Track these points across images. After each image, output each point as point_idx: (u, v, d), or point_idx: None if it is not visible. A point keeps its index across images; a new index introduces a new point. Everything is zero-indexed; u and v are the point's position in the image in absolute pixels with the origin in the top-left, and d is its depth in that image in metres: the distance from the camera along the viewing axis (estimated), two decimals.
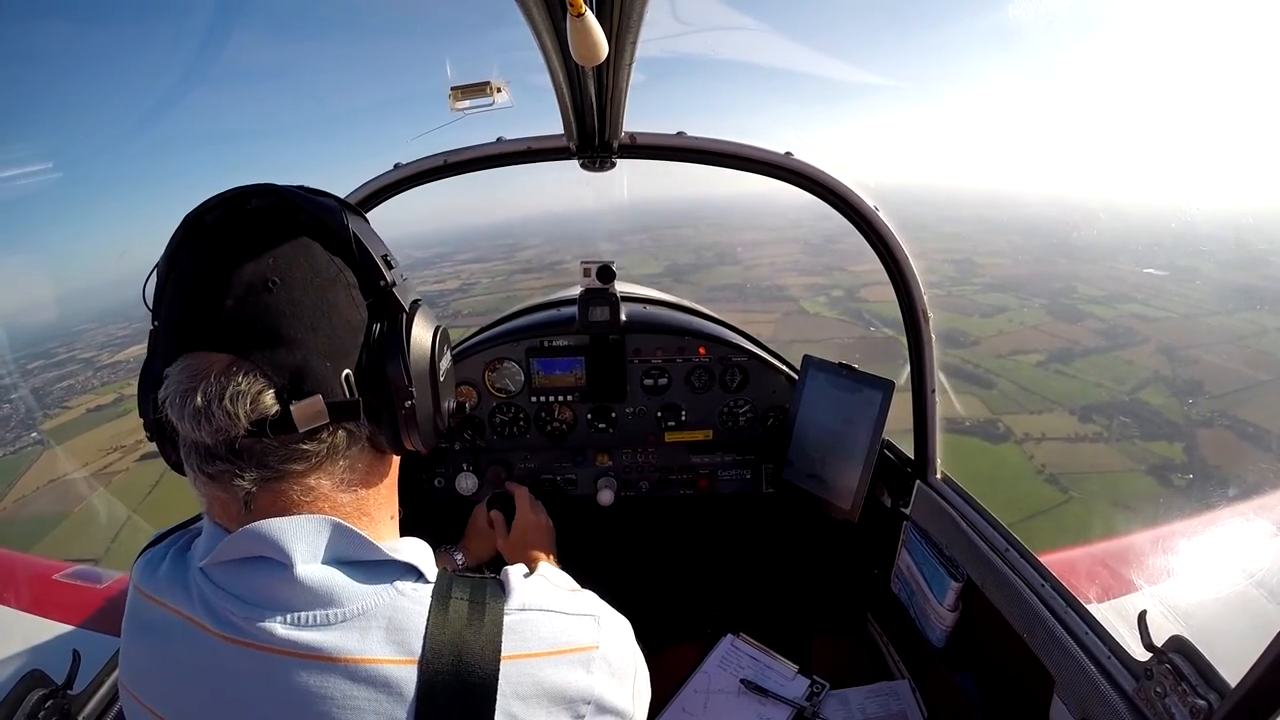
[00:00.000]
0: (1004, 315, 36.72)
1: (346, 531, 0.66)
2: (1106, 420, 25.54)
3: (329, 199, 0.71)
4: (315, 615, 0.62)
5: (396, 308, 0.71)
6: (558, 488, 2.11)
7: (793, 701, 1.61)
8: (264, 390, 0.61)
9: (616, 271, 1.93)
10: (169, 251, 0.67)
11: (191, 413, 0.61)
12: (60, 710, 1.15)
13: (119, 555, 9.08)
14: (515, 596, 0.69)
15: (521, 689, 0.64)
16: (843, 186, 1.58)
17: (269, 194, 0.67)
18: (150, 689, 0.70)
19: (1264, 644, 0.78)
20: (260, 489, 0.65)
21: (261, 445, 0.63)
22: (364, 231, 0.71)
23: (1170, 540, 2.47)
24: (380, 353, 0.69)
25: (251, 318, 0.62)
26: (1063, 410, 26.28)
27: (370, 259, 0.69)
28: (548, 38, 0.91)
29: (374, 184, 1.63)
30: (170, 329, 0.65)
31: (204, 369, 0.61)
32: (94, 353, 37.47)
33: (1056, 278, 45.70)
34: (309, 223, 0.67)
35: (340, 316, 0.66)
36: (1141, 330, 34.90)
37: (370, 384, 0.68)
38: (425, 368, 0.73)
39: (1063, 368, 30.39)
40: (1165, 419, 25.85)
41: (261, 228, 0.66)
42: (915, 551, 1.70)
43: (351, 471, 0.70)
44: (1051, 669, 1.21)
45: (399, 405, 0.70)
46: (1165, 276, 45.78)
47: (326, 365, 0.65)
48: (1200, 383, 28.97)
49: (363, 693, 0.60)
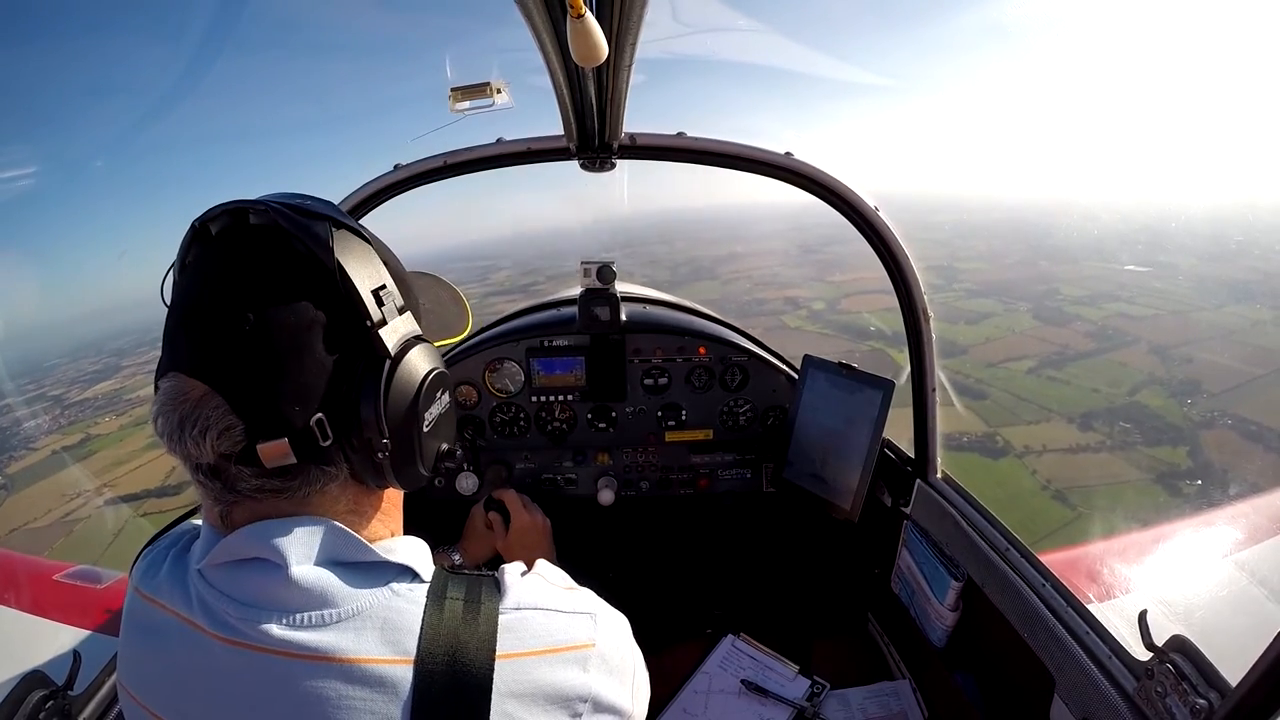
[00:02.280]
0: (990, 321, 36.64)
1: (340, 533, 0.67)
2: (1107, 427, 25.21)
3: (323, 222, 0.66)
4: (311, 616, 0.63)
5: (380, 351, 0.67)
6: (558, 487, 2.11)
7: (793, 702, 1.61)
8: (231, 427, 0.61)
9: (616, 271, 1.93)
10: (180, 255, 0.68)
11: (168, 434, 0.63)
12: (60, 711, 1.15)
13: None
14: (511, 595, 0.69)
15: (517, 688, 0.64)
16: (843, 186, 1.58)
17: (265, 212, 0.65)
18: (149, 691, 0.70)
19: (1264, 644, 0.78)
20: (234, 509, 0.67)
21: (236, 471, 0.64)
22: (357, 259, 0.67)
23: (1170, 540, 2.47)
24: (356, 398, 0.66)
25: (224, 353, 0.62)
26: (1061, 419, 25.95)
27: (356, 295, 0.65)
28: (548, 39, 0.91)
29: (374, 185, 1.63)
30: (166, 340, 0.66)
31: (184, 394, 0.62)
32: (63, 389, 37.28)
33: (1039, 279, 45.54)
34: (300, 250, 0.64)
35: (314, 359, 0.64)
36: (1130, 330, 34.78)
37: (347, 427, 0.66)
38: (403, 413, 0.69)
39: (1055, 374, 30.14)
40: (1166, 422, 25.52)
41: (252, 253, 0.64)
42: (916, 551, 1.70)
43: (336, 503, 0.70)
44: (1052, 668, 1.21)
45: (373, 452, 0.67)
46: (1147, 272, 45.61)
47: (295, 408, 0.63)
48: (1197, 381, 28.79)
49: (358, 692, 0.61)
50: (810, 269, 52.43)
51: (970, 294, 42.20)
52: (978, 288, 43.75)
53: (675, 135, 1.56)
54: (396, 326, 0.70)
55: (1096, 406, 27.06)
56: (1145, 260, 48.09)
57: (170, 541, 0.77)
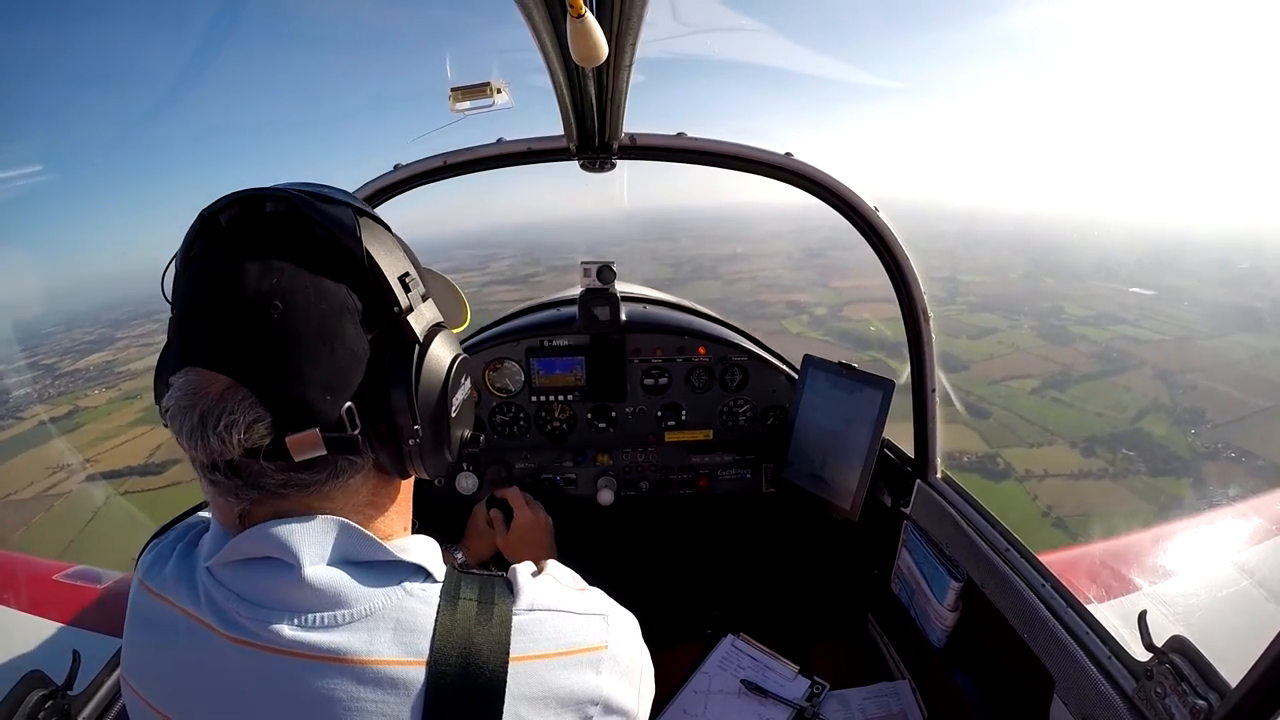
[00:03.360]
0: (993, 337, 36.05)
1: (354, 532, 0.66)
2: (1110, 454, 24.61)
3: (346, 209, 0.65)
4: (323, 616, 0.62)
5: (409, 337, 0.67)
6: (558, 487, 2.11)
7: (793, 702, 1.61)
8: (259, 420, 0.60)
9: (616, 272, 1.93)
10: (184, 247, 0.66)
11: (188, 431, 0.60)
12: (60, 710, 1.15)
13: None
14: (524, 596, 0.69)
15: (530, 690, 0.64)
16: (843, 187, 1.58)
17: (284, 199, 0.64)
18: (154, 686, 0.70)
19: (1264, 644, 0.78)
20: (256, 506, 0.65)
21: (259, 467, 0.62)
22: (382, 246, 0.66)
23: (1170, 540, 2.47)
24: (386, 385, 0.65)
25: (251, 343, 0.60)
26: (1064, 443, 25.37)
27: (384, 282, 0.65)
28: (548, 39, 0.91)
29: (374, 184, 1.63)
30: (179, 333, 0.64)
31: (204, 388, 0.60)
32: (56, 359, 36.54)
33: (1043, 296, 44.76)
34: (323, 237, 0.63)
35: (344, 346, 0.63)
36: (1135, 354, 34.21)
37: (376, 415, 0.65)
38: (434, 400, 0.69)
39: (1059, 395, 29.57)
40: (1169, 451, 24.85)
41: (271, 240, 0.63)
42: (915, 551, 1.70)
43: (356, 495, 0.69)
44: (1052, 669, 1.21)
45: (404, 439, 0.67)
46: (1153, 296, 45.01)
47: (326, 398, 0.62)
48: (1202, 410, 28.08)
49: (370, 694, 0.60)
50: (813, 273, 52.00)
51: (974, 308, 41.66)
52: (982, 301, 43.17)
53: (675, 135, 1.56)
54: (422, 313, 0.69)
55: (1100, 431, 26.49)
56: (1151, 283, 47.51)
57: (177, 535, 0.76)
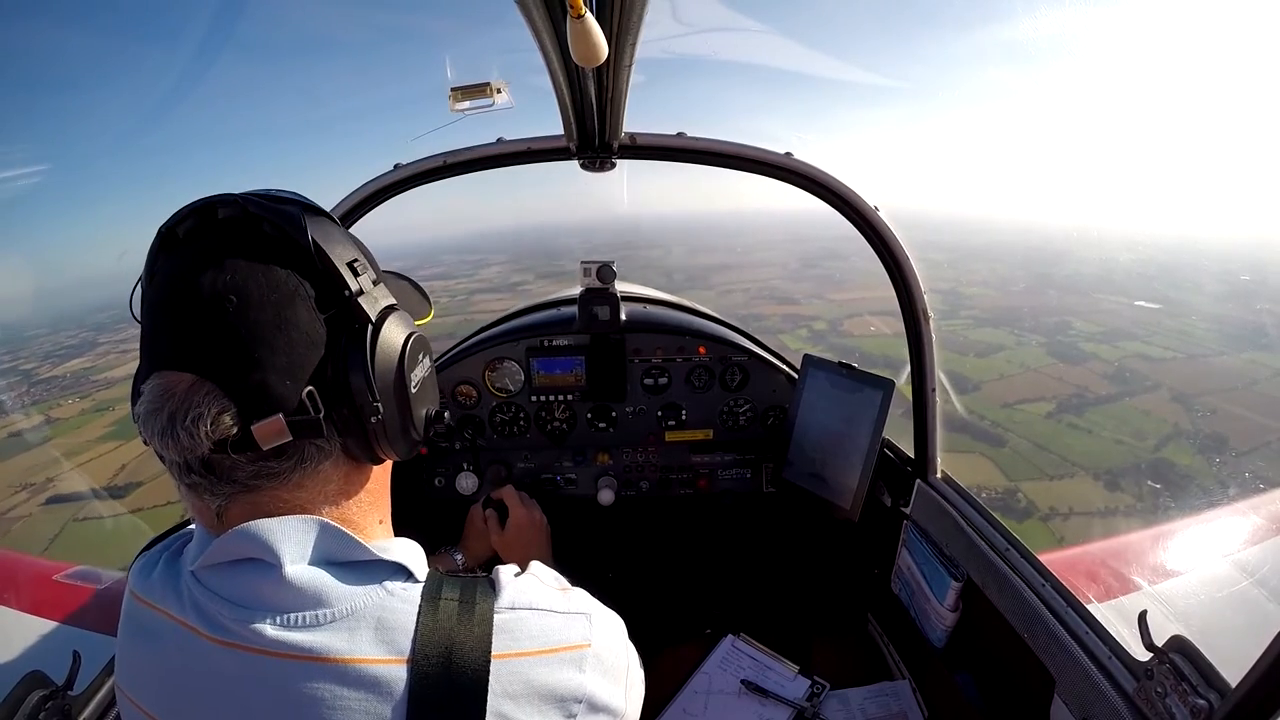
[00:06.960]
0: (1001, 355, 34.67)
1: (335, 532, 0.67)
2: (1135, 487, 23.32)
3: (290, 205, 0.68)
4: (304, 616, 0.63)
5: (361, 318, 0.68)
6: (558, 487, 2.11)
7: (793, 702, 1.61)
8: (224, 411, 0.61)
9: (616, 271, 1.93)
10: (148, 264, 0.68)
11: (159, 432, 0.62)
12: (60, 711, 1.15)
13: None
14: (505, 595, 0.69)
15: (512, 688, 0.64)
16: (843, 186, 1.58)
17: (233, 204, 0.66)
18: (146, 693, 0.71)
19: (1264, 644, 0.78)
20: (231, 502, 0.66)
21: (230, 461, 0.64)
22: (329, 236, 0.68)
23: (1170, 540, 2.47)
24: (344, 367, 0.67)
25: (210, 338, 0.62)
26: (1085, 475, 24.04)
27: (332, 268, 0.67)
28: (548, 39, 0.91)
29: (374, 184, 1.63)
30: (144, 344, 0.66)
31: (170, 389, 0.62)
32: (36, 364, 35.23)
33: (1048, 311, 43.45)
34: (271, 232, 0.66)
35: (299, 332, 0.65)
36: (1150, 374, 32.97)
37: (336, 398, 0.67)
38: (392, 377, 0.71)
39: (1076, 420, 28.09)
40: (1196, 483, 23.31)
41: (222, 242, 0.65)
42: (915, 551, 1.70)
43: (328, 483, 0.70)
44: (1052, 669, 1.21)
45: (366, 419, 0.68)
46: (1159, 310, 44.12)
47: (287, 383, 0.64)
48: (1224, 437, 26.95)
49: (352, 693, 0.61)
50: (810, 284, 51.10)
51: (979, 322, 40.14)
52: (986, 316, 41.71)
53: (675, 135, 1.56)
54: (375, 296, 0.71)
55: (1122, 462, 25.22)
56: (1158, 296, 46.72)
57: (165, 545, 0.77)
